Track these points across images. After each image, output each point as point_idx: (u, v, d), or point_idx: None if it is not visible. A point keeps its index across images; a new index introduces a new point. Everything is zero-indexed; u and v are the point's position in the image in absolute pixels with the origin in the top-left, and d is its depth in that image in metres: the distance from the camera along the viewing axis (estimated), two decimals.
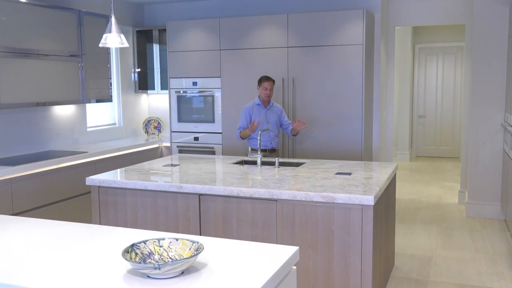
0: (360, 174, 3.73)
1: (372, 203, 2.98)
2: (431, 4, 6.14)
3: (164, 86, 6.64)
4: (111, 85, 5.82)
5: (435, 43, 9.94)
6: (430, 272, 4.16)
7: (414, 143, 10.33)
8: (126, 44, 3.56)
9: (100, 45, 3.53)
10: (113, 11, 3.45)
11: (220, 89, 5.96)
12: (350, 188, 3.21)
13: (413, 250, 4.70)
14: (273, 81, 4.84)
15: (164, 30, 6.46)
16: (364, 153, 5.46)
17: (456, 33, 9.48)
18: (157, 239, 1.83)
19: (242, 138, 4.87)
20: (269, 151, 4.90)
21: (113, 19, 3.48)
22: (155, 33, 6.65)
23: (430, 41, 9.97)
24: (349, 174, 3.71)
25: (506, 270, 4.19)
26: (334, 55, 5.41)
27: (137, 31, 6.69)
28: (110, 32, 3.48)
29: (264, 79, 4.79)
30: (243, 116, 4.90)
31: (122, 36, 3.54)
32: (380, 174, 3.69)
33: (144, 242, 1.81)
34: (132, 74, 6.77)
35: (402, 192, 7.08)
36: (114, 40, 3.49)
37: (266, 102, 4.88)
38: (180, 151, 6.21)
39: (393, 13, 6.30)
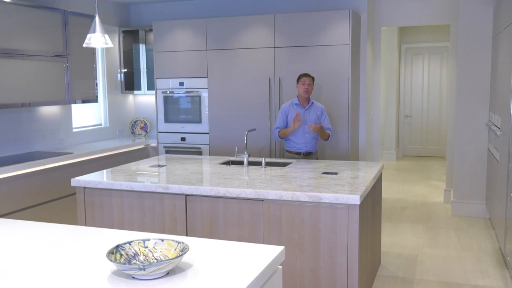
0: (347, 173, 3.74)
1: (358, 203, 3.00)
2: (417, 4, 6.19)
3: (151, 86, 6.62)
4: (97, 86, 5.78)
5: (421, 43, 10.02)
6: (416, 271, 4.19)
7: (400, 143, 10.40)
8: (110, 44, 3.54)
9: (84, 45, 3.51)
10: (97, 11, 3.43)
11: (207, 89, 5.95)
12: (336, 188, 3.22)
13: (400, 249, 4.74)
14: (313, 78, 4.65)
15: (151, 30, 6.44)
16: (351, 153, 5.49)
17: (441, 33, 9.57)
18: (142, 240, 1.83)
19: (281, 138, 4.67)
20: (304, 155, 4.66)
21: (97, 19, 3.45)
22: (142, 33, 6.62)
23: (416, 41, 10.05)
24: (336, 173, 3.73)
25: (491, 268, 4.24)
26: (320, 55, 5.43)
27: (123, 31, 6.65)
28: (94, 32, 3.46)
29: (302, 75, 4.62)
30: (280, 116, 4.67)
31: (107, 36, 3.52)
32: (366, 174, 3.72)
33: (129, 243, 1.80)
34: (118, 75, 6.74)
35: (388, 191, 7.13)
36: (98, 40, 3.46)
37: (305, 101, 4.64)
38: (167, 152, 6.19)
39: (379, 14, 6.33)
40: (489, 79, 5.64)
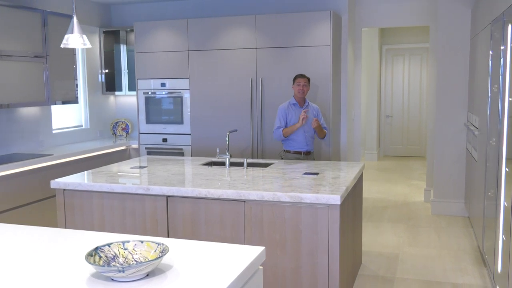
0: (328, 174, 3.77)
1: (339, 203, 3.02)
2: (397, 6, 6.26)
3: (132, 87, 6.58)
4: (77, 86, 5.72)
5: (401, 44, 10.13)
6: (396, 270, 4.24)
7: (381, 143, 10.50)
8: (88, 45, 3.50)
9: (62, 46, 3.47)
10: (75, 11, 3.40)
11: (188, 90, 5.93)
12: (317, 188, 3.24)
13: (381, 248, 4.78)
14: (308, 79, 4.71)
15: (132, 30, 6.40)
16: (332, 153, 5.52)
17: (421, 34, 9.68)
18: (121, 241, 1.82)
19: (285, 137, 4.66)
20: (304, 154, 4.71)
21: (75, 20, 3.42)
22: (123, 34, 6.58)
23: (397, 43, 10.16)
24: (317, 174, 3.75)
25: (469, 266, 4.30)
26: (302, 56, 5.46)
27: (104, 32, 6.60)
28: (72, 32, 3.42)
29: (298, 76, 4.68)
30: (279, 116, 4.69)
31: (85, 36, 3.49)
32: (347, 174, 3.74)
33: (109, 245, 1.79)
34: (99, 75, 6.68)
35: (370, 191, 7.19)
36: (76, 41, 3.43)
37: (301, 100, 4.70)
38: (148, 153, 6.16)
39: (360, 15, 6.39)
40: (467, 80, 5.73)
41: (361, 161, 8.24)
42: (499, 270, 3.45)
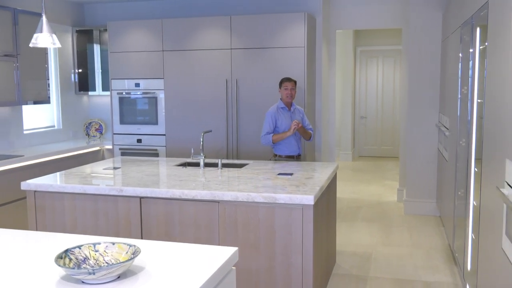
0: (302, 174, 3.79)
1: (312, 203, 3.05)
2: (370, 9, 6.33)
3: (106, 87, 6.50)
4: (49, 86, 5.63)
5: (375, 46, 10.26)
6: (370, 268, 4.29)
7: (356, 143, 10.61)
8: (58, 45, 3.45)
9: (31, 45, 3.41)
10: (44, 10, 3.33)
11: (163, 91, 5.90)
12: (291, 188, 3.26)
13: (354, 248, 4.84)
14: (295, 82, 4.64)
15: (105, 30, 6.33)
16: (307, 154, 5.56)
17: (395, 37, 9.82)
18: (92, 243, 1.80)
19: (274, 143, 4.59)
20: (296, 158, 4.66)
21: (44, 19, 3.36)
22: (96, 33, 6.50)
23: (371, 44, 10.29)
24: (291, 174, 3.77)
25: (441, 264, 4.39)
26: (276, 57, 5.48)
27: (77, 31, 6.51)
28: (41, 31, 3.36)
29: (285, 80, 4.61)
30: (268, 121, 4.59)
31: (54, 36, 3.43)
32: (320, 174, 3.78)
33: (79, 247, 1.77)
34: (72, 75, 6.58)
35: (344, 191, 7.26)
36: (46, 40, 3.37)
37: (289, 104, 4.64)
38: (122, 154, 6.10)
39: (334, 17, 6.45)
40: (439, 82, 5.84)
41: (336, 162, 8.32)
42: (469, 268, 3.53)
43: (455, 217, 4.24)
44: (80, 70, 6.59)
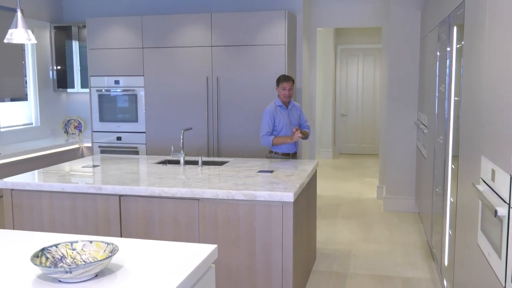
0: (282, 171, 3.81)
1: (292, 200, 3.06)
2: (351, 7, 6.37)
3: (85, 84, 6.43)
4: (26, 83, 5.55)
5: (355, 44, 10.34)
6: (349, 265, 4.33)
7: (337, 141, 10.67)
8: (33, 41, 3.39)
9: (5, 41, 3.35)
10: (19, 5, 3.28)
11: (143, 88, 5.85)
12: (271, 186, 3.27)
13: (334, 245, 4.87)
14: (293, 81, 4.55)
15: (84, 26, 6.25)
16: None
17: (375, 35, 9.91)
18: (69, 242, 1.78)
19: (273, 145, 4.50)
20: (292, 155, 4.62)
21: (19, 14, 3.30)
22: (75, 30, 6.42)
23: (351, 43, 10.35)
24: (271, 172, 3.78)
25: (419, 260, 4.45)
26: (257, 54, 5.48)
27: (55, 27, 6.42)
28: (16, 27, 3.30)
29: (282, 79, 4.49)
30: (266, 120, 4.48)
31: (30, 32, 3.38)
32: (300, 172, 3.79)
33: (56, 245, 1.75)
34: (50, 72, 6.49)
35: (324, 189, 7.31)
36: (21, 36, 3.31)
37: (286, 103, 4.59)
38: (102, 152, 6.04)
39: (314, 15, 6.48)
40: (417, 80, 5.91)
41: (317, 159, 8.37)
42: (446, 263, 3.58)
43: (433, 214, 4.30)
44: (58, 67, 6.50)
